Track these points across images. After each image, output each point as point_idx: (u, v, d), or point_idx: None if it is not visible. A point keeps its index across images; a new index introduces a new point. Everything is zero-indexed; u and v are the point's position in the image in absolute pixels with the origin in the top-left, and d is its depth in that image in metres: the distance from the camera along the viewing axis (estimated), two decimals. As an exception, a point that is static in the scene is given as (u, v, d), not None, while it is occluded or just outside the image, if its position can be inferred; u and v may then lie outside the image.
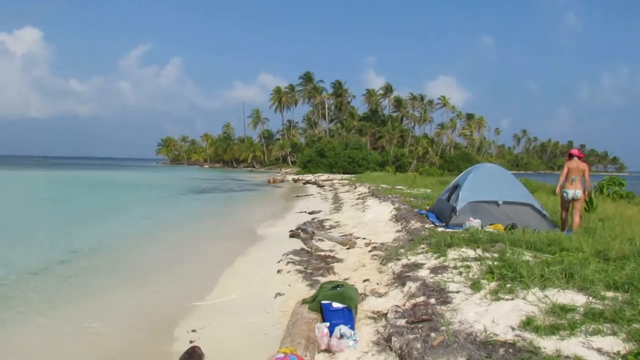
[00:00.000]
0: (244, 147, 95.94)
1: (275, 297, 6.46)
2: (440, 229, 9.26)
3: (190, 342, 4.96)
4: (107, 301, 6.84)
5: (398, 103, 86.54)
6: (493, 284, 4.90)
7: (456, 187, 10.65)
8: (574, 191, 8.82)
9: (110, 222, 16.01)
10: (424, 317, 4.42)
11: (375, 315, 5.06)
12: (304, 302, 5.11)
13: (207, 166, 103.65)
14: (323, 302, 4.71)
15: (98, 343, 5.20)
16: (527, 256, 5.84)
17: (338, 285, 5.02)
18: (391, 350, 4.10)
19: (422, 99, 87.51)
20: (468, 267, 5.68)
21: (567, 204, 9.04)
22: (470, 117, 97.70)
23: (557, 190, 9.17)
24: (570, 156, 9.09)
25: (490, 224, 9.12)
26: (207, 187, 36.73)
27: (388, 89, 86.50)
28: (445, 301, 4.75)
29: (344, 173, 57.54)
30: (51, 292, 7.28)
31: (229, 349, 4.83)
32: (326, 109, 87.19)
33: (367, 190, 23.30)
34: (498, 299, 4.50)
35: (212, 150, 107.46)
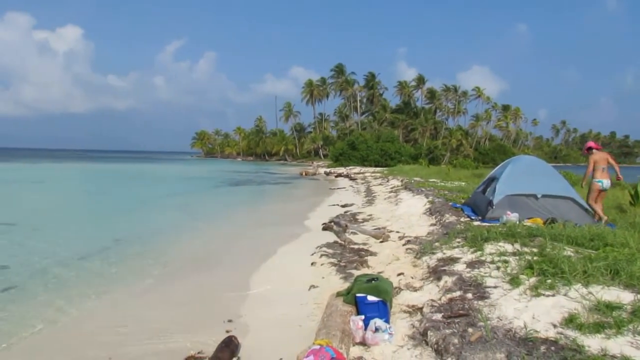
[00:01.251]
0: (276, 140, 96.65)
1: (310, 289, 6.49)
2: (476, 223, 9.08)
3: (227, 331, 5.05)
4: (147, 288, 7.05)
5: (431, 95, 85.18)
6: (533, 280, 4.77)
7: (492, 180, 10.40)
8: (607, 180, 9.20)
9: (150, 213, 16.54)
10: (460, 312, 4.35)
11: (410, 309, 5.01)
12: (338, 294, 5.12)
13: (239, 159, 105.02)
14: (358, 295, 4.70)
15: (146, 325, 5.38)
16: (569, 251, 5.64)
17: (373, 279, 5.00)
18: (427, 344, 4.05)
19: (455, 90, 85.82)
20: (506, 262, 5.54)
21: (597, 195, 9.25)
22: (506, 108, 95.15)
23: (583, 183, 9.61)
24: (589, 149, 9.53)
25: (529, 218, 8.87)
26: (242, 180, 37.27)
27: (421, 81, 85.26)
28: (483, 296, 4.65)
29: (376, 166, 57.16)
30: (98, 276, 7.60)
31: (264, 340, 4.88)
32: (358, 101, 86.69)
33: (399, 183, 23.07)
34: (538, 295, 4.37)
35: (245, 144, 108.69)
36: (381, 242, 9.49)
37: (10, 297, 6.59)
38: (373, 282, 4.89)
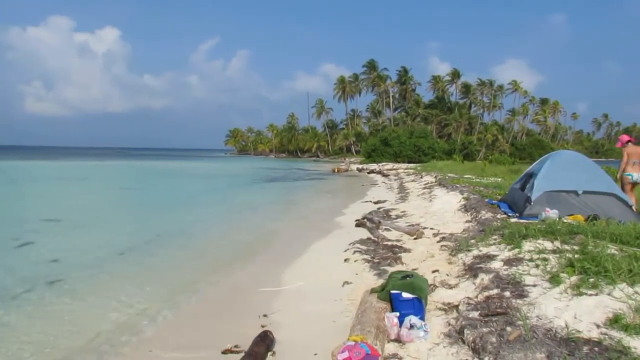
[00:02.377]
0: (309, 137, 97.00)
1: (343, 285, 6.50)
2: (513, 220, 8.86)
3: (262, 326, 5.12)
4: (185, 282, 7.23)
5: (466, 89, 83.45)
6: (574, 278, 4.62)
7: (531, 176, 10.11)
8: (638, 174, 9.53)
9: (188, 209, 16.94)
10: (498, 310, 4.26)
11: (445, 307, 4.95)
12: (372, 291, 5.11)
13: (272, 156, 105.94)
14: (392, 291, 4.68)
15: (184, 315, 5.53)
16: (612, 249, 5.44)
17: (408, 275, 4.96)
18: (463, 343, 4.00)
19: (491, 84, 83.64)
20: (545, 259, 5.39)
21: (629, 188, 9.57)
22: (544, 101, 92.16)
23: (619, 175, 9.81)
24: (626, 142, 9.75)
25: (569, 215, 8.59)
26: (276, 177, 37.67)
27: (455, 75, 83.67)
28: (521, 295, 4.54)
29: (409, 162, 56.55)
30: (139, 270, 7.89)
31: (299, 335, 4.93)
32: (390, 97, 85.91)
33: (433, 180, 22.76)
34: (580, 294, 4.23)
35: (278, 141, 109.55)
36: (415, 238, 9.39)
37: (57, 290, 6.86)
38: (408, 278, 4.85)
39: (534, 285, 4.72)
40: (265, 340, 4.46)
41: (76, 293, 6.72)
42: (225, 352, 4.54)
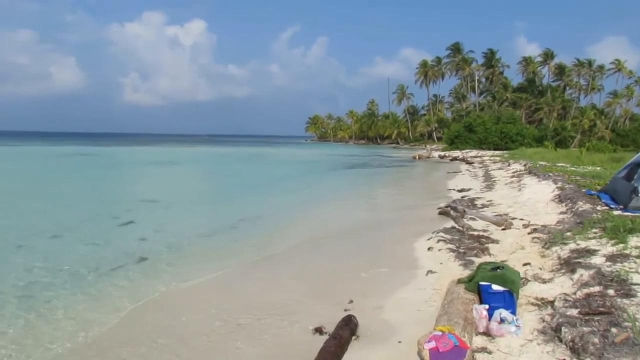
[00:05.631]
0: (389, 124, 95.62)
1: (427, 274, 6.38)
2: (616, 212, 8.12)
3: (345, 310, 5.18)
4: (269, 265, 7.51)
5: (560, 71, 77.14)
6: (692, 279, 4.15)
7: (638, 165, 9.20)
8: None
9: (272, 194, 17.65)
10: (601, 309, 3.94)
11: (539, 302, 4.67)
12: (459, 281, 4.95)
13: (352, 143, 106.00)
14: (481, 283, 4.49)
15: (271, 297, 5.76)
16: None
17: (498, 267, 4.74)
18: (560, 341, 3.75)
19: (590, 64, 76.66)
20: (656, 257, 4.90)
21: None
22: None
23: None
24: None
25: (684, 209, 7.72)
26: (356, 163, 37.80)
27: (548, 56, 77.68)
28: (628, 294, 4.16)
29: (495, 149, 53.73)
30: (225, 251, 8.33)
31: (382, 321, 4.92)
32: (476, 81, 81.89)
33: (522, 168, 21.49)
34: (700, 296, 3.80)
35: (357, 127, 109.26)
36: (503, 229, 8.95)
37: (144, 266, 7.44)
38: (498, 270, 4.63)
39: (643, 284, 4.30)
40: (349, 325, 4.51)
41: (154, 268, 7.25)
42: (316, 331, 4.65)
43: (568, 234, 6.97)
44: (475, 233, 8.74)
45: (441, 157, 47.42)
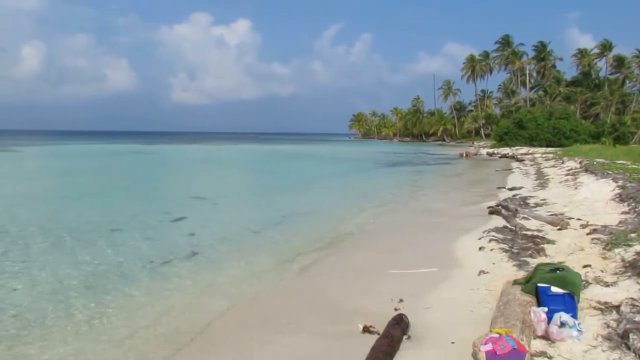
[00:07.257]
0: (434, 120, 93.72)
1: (479, 274, 6.20)
2: (686, 213, 7.63)
3: (395, 309, 5.10)
4: (316, 262, 7.57)
5: (618, 63, 72.93)
6: None
7: None
8: None
9: (316, 191, 17.91)
10: (673, 315, 3.70)
11: (602, 307, 4.45)
12: (515, 282, 4.79)
13: (396, 140, 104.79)
14: (540, 285, 4.32)
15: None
16: None
17: (558, 269, 4.54)
18: (628, 349, 3.55)
19: (652, 55, 72.08)
20: None
21: None
22: None
23: None
24: None
25: None
26: (400, 161, 37.48)
27: (605, 47, 73.49)
28: None
29: (547, 146, 51.49)
30: (271, 247, 8.61)
31: (434, 321, 4.81)
32: (526, 75, 78.76)
33: (578, 165, 20.53)
34: None
35: (402, 124, 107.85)
36: (559, 229, 8.58)
37: (196, 261, 7.73)
38: (558, 272, 4.44)
39: None
40: (400, 324, 4.44)
41: (205, 264, 7.50)
42: (364, 330, 4.62)
43: (632, 235, 6.60)
44: (529, 233, 8.42)
45: (489, 154, 46.03)
